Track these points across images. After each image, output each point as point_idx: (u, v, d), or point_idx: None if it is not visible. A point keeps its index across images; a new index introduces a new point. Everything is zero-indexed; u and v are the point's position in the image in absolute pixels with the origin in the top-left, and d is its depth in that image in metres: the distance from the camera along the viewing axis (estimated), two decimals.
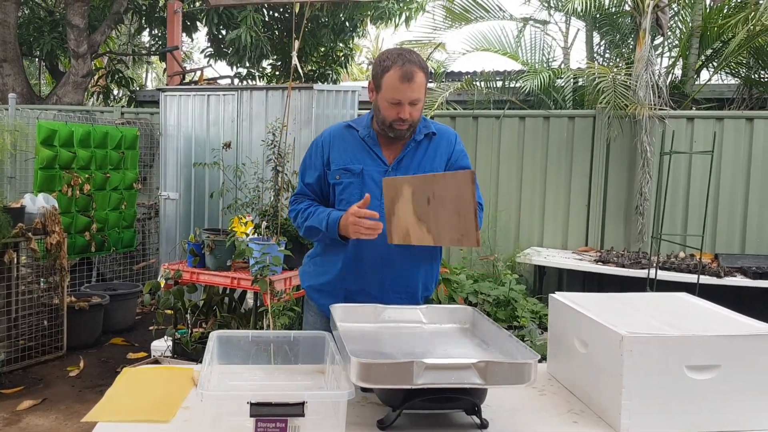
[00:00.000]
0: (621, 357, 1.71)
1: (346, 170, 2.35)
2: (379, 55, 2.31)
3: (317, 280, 2.46)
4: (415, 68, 2.23)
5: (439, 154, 2.40)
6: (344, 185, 2.35)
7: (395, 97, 2.23)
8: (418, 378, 1.60)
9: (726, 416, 1.75)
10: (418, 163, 2.36)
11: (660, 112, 5.71)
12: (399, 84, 2.21)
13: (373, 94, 2.33)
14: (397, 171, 2.34)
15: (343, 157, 2.37)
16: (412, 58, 2.25)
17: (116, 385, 1.97)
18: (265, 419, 1.58)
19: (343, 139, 2.40)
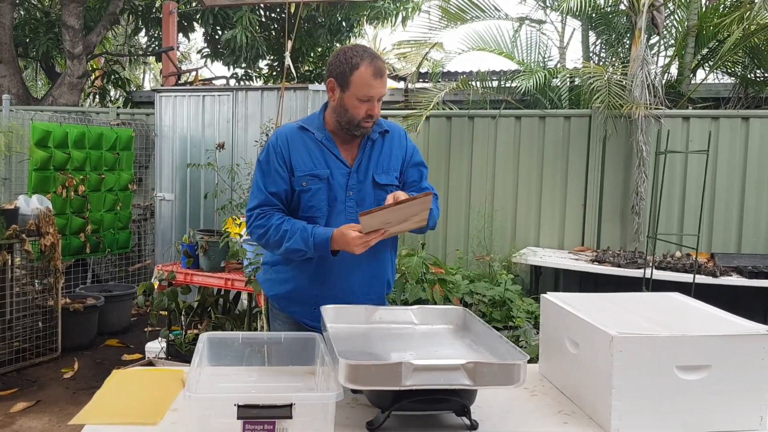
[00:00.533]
0: (611, 357, 1.71)
1: (313, 176, 2.27)
2: (339, 52, 2.25)
3: (283, 288, 2.39)
4: (383, 64, 2.23)
5: (394, 151, 2.40)
6: (312, 192, 2.27)
7: (367, 94, 2.19)
8: (406, 379, 1.59)
9: (716, 416, 1.74)
10: (376, 161, 2.35)
11: (656, 111, 5.71)
12: (372, 80, 2.18)
13: (334, 93, 2.26)
14: (358, 172, 2.31)
15: (306, 163, 2.28)
16: (377, 54, 2.25)
17: (105, 387, 1.96)
18: (253, 421, 1.57)
19: (301, 142, 2.31)
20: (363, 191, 2.32)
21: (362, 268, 2.32)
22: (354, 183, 2.31)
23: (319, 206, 2.27)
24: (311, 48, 10.44)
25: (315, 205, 2.28)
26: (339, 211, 2.28)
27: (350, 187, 2.30)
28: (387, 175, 2.36)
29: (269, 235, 2.25)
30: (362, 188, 2.32)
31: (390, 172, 2.37)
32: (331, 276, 2.29)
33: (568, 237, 6.19)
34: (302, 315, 2.37)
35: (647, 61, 5.78)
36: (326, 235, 2.18)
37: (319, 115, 2.36)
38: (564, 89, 6.78)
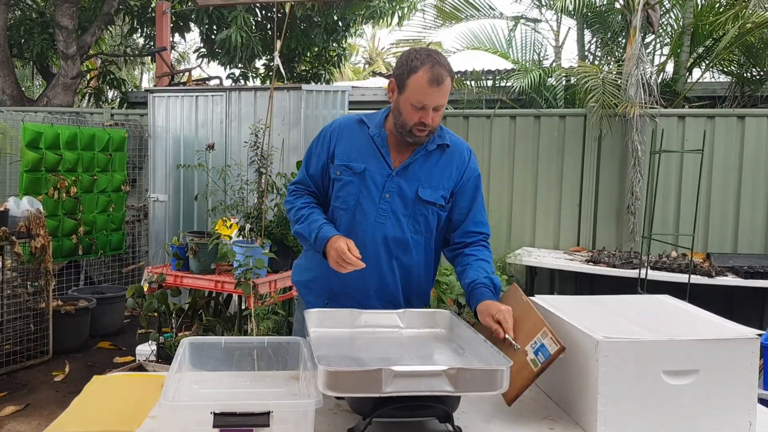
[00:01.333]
0: (596, 362, 1.68)
1: (347, 167, 2.22)
2: (406, 53, 2.16)
3: (305, 276, 2.37)
4: (444, 72, 2.08)
5: (449, 168, 2.25)
6: (343, 182, 2.23)
7: (421, 101, 2.08)
8: (387, 386, 1.56)
9: (704, 422, 1.71)
10: (428, 173, 2.22)
11: (651, 110, 5.68)
12: (427, 87, 2.06)
13: (393, 94, 2.18)
14: (402, 177, 2.20)
15: (348, 153, 2.24)
16: (442, 61, 2.11)
17: (84, 394, 1.93)
18: (230, 429, 1.54)
19: (352, 133, 2.27)
20: (402, 199, 2.20)
21: (383, 275, 2.23)
22: (392, 186, 2.19)
23: (346, 198, 2.22)
24: (307, 48, 10.40)
25: (343, 196, 2.23)
26: (368, 210, 2.19)
27: (387, 189, 2.20)
28: (433, 191, 2.22)
29: (292, 212, 2.31)
30: (401, 195, 2.20)
31: (437, 190, 2.22)
32: (350, 276, 2.18)
33: (563, 237, 6.16)
34: (312, 305, 2.30)
35: (642, 59, 5.75)
36: (326, 236, 2.14)
37: (383, 113, 2.30)
38: (559, 88, 6.76)
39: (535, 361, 1.78)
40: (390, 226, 2.19)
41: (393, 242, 2.20)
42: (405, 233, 2.21)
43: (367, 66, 23.72)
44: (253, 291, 3.57)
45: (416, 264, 2.27)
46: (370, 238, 2.19)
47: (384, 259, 2.22)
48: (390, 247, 2.21)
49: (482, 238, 2.31)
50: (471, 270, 2.20)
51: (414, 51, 2.15)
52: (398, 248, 2.22)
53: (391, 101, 2.21)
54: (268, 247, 3.73)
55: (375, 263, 2.20)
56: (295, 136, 5.83)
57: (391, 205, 2.20)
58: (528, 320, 1.92)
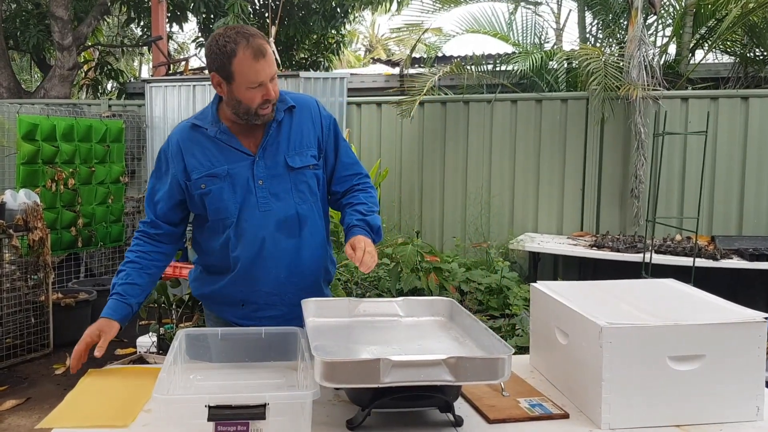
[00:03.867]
0: (600, 349, 1.63)
1: (210, 176, 2.07)
2: (212, 43, 2.00)
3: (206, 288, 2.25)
4: (262, 41, 1.98)
5: (305, 126, 2.16)
6: (213, 193, 2.07)
7: (255, 80, 1.96)
8: (385, 376, 1.52)
9: (711, 407, 1.67)
10: (287, 141, 2.12)
11: (653, 92, 5.61)
12: (254, 64, 1.95)
13: (222, 87, 2.03)
14: (265, 158, 2.10)
15: (202, 162, 2.08)
16: (252, 31, 1.99)
17: (78, 388, 1.90)
18: (225, 423, 1.50)
19: (192, 142, 2.10)
20: (276, 178, 2.11)
21: (289, 260, 2.14)
22: (261, 171, 2.09)
23: (225, 207, 2.07)
24: (306, 35, 10.33)
25: (221, 207, 2.08)
26: (252, 205, 2.08)
27: (258, 176, 2.09)
28: (301, 155, 2.13)
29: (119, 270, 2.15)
30: (274, 175, 2.10)
31: (304, 151, 2.13)
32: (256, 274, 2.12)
33: (566, 222, 6.11)
34: (228, 314, 2.22)
35: (644, 41, 5.67)
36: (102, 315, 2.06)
37: (212, 107, 2.14)
38: (561, 71, 6.68)
39: (530, 409, 1.73)
40: (276, 209, 2.10)
41: (285, 223, 2.11)
42: (293, 208, 2.12)
43: (367, 53, 23.59)
44: None
45: (315, 232, 2.19)
46: (264, 229, 2.09)
47: (284, 242, 2.12)
48: (285, 229, 2.11)
49: (355, 182, 2.24)
50: (345, 217, 2.16)
51: (220, 35, 2.00)
52: (293, 226, 2.13)
53: (223, 95, 2.06)
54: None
55: (277, 251, 2.12)
56: None
57: (268, 189, 2.10)
58: (523, 385, 1.91)
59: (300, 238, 2.14)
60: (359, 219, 2.12)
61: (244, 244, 2.10)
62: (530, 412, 1.72)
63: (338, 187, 2.24)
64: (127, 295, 2.08)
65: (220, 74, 2.00)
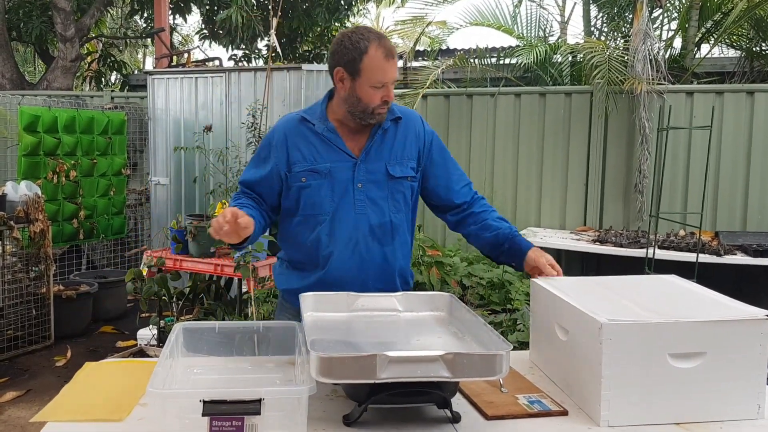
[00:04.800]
0: (600, 345, 1.61)
1: (312, 171, 2.13)
2: (344, 39, 2.06)
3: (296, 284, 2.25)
4: (391, 43, 2.07)
5: (408, 138, 2.21)
6: (312, 188, 2.13)
7: (381, 80, 2.02)
8: (382, 372, 1.50)
9: (711, 406, 1.65)
10: (390, 149, 2.17)
11: (658, 86, 5.56)
12: (384, 63, 2.02)
13: (344, 83, 2.06)
14: (367, 162, 2.14)
15: (306, 156, 2.14)
16: (382, 34, 2.08)
17: (74, 381, 1.88)
18: (220, 418, 1.49)
19: (301, 135, 2.16)
20: (375, 184, 2.16)
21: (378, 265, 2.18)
22: (362, 174, 2.14)
23: (321, 203, 2.13)
24: (309, 28, 10.28)
25: (317, 202, 2.13)
26: (347, 205, 2.13)
27: (358, 179, 2.14)
28: (402, 165, 2.18)
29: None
30: (373, 180, 2.15)
31: (405, 162, 2.19)
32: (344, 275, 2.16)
33: (569, 217, 6.08)
34: None
35: (649, 35, 5.62)
36: None
37: (322, 105, 2.19)
38: (565, 65, 6.64)
39: (528, 406, 1.72)
40: (372, 213, 2.14)
41: (379, 229, 2.15)
42: (386, 216, 2.17)
43: None
44: (253, 274, 3.52)
45: (404, 242, 2.25)
46: (358, 232, 2.13)
47: (375, 248, 2.17)
48: (378, 235, 2.16)
49: (473, 192, 2.33)
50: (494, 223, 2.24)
51: (353, 32, 2.06)
52: (386, 233, 2.18)
53: (342, 90, 2.08)
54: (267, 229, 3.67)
55: (368, 255, 2.16)
56: None
57: (366, 193, 2.15)
58: (523, 381, 1.90)
59: (391, 246, 2.19)
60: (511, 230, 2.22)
61: (337, 244, 2.14)
62: (529, 408, 1.71)
63: (459, 198, 2.29)
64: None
65: (346, 69, 2.03)
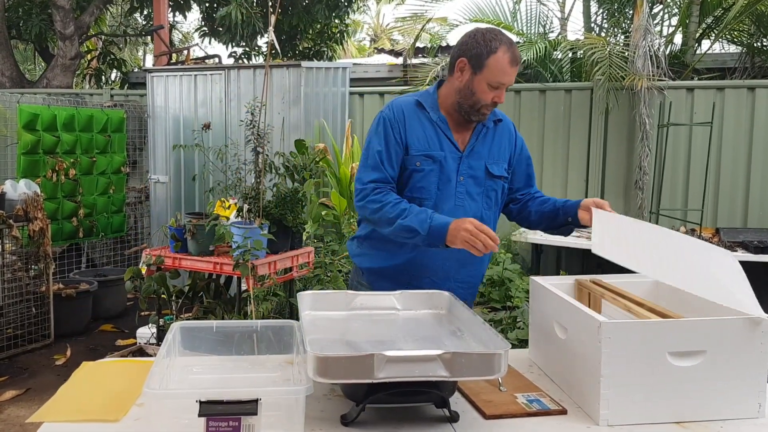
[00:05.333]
0: (599, 344, 1.60)
1: (427, 156, 2.21)
2: (477, 34, 2.16)
3: (377, 263, 2.34)
4: (518, 51, 2.16)
5: (504, 141, 2.33)
6: (425, 173, 2.21)
7: (500, 81, 2.12)
8: (379, 371, 1.49)
9: (712, 404, 1.64)
10: (489, 149, 2.28)
11: (658, 82, 5.55)
12: (508, 67, 2.12)
13: (463, 74, 2.17)
14: (470, 157, 2.24)
15: (421, 141, 2.22)
16: (513, 42, 2.17)
17: (71, 381, 1.87)
18: (216, 418, 1.48)
19: (416, 119, 2.24)
20: (474, 179, 2.26)
21: (463, 257, 2.22)
22: (465, 168, 2.24)
23: (428, 188, 2.21)
24: (309, 25, 10.26)
25: (425, 186, 2.21)
26: (448, 195, 2.22)
27: (461, 172, 2.24)
28: (498, 165, 2.29)
29: (385, 210, 2.15)
30: (473, 176, 2.25)
31: (500, 163, 2.30)
32: (428, 258, 2.23)
33: None
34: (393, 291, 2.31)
35: (650, 30, 5.60)
36: (446, 222, 2.06)
37: (433, 94, 2.28)
38: (566, 61, 6.62)
39: (527, 405, 1.71)
40: (468, 207, 2.23)
41: None
42: (479, 212, 2.26)
43: (372, 43, 23.47)
44: (252, 273, 3.51)
45: None
46: None
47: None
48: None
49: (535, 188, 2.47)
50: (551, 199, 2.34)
51: (487, 31, 2.17)
52: None
53: (458, 80, 2.19)
54: (266, 228, 3.66)
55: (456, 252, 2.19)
56: (295, 114, 5.75)
57: (466, 187, 2.24)
58: (522, 380, 1.89)
59: None
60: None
61: None
62: (527, 407, 1.70)
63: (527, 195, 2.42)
64: None
65: (470, 62, 2.14)
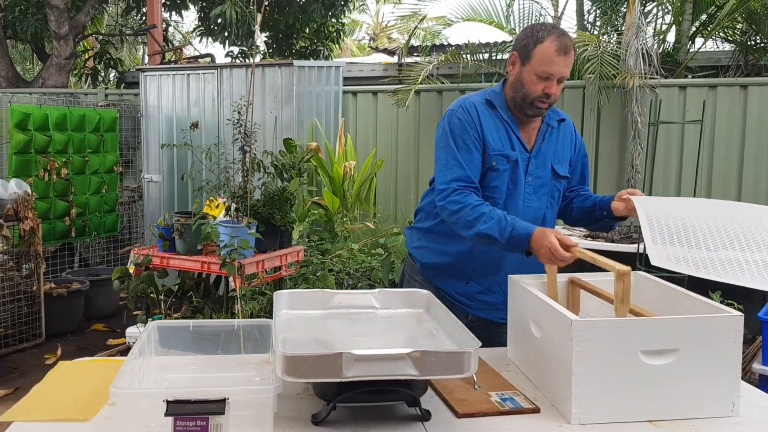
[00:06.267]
0: (570, 342, 1.60)
1: (503, 156, 2.21)
2: (528, 27, 2.20)
3: (438, 259, 2.34)
4: (570, 42, 2.14)
5: (567, 141, 2.33)
6: (500, 172, 2.21)
7: (547, 70, 2.10)
8: (348, 370, 1.49)
9: (685, 403, 1.64)
10: (554, 148, 2.28)
11: (650, 81, 5.53)
12: (555, 56, 2.09)
13: (514, 67, 2.19)
14: (537, 158, 2.24)
15: (497, 142, 2.21)
16: (566, 33, 2.17)
17: (45, 381, 1.87)
18: (184, 418, 1.48)
19: (490, 118, 2.24)
20: (541, 179, 2.26)
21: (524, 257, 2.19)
22: (533, 169, 2.24)
23: (501, 188, 2.22)
24: (306, 24, 10.24)
25: (498, 186, 2.22)
26: (517, 195, 2.23)
27: (529, 172, 2.24)
28: (562, 165, 2.30)
29: (464, 213, 2.11)
30: (540, 176, 2.26)
31: (564, 163, 2.30)
32: (493, 258, 2.24)
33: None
34: (450, 287, 2.35)
35: (642, 28, 5.59)
36: (527, 231, 2.01)
37: (500, 93, 2.28)
38: None
39: (500, 404, 1.70)
40: (534, 207, 2.24)
41: (535, 222, 2.19)
42: (543, 211, 2.28)
43: (371, 42, 23.45)
44: (239, 272, 3.51)
45: None
46: None
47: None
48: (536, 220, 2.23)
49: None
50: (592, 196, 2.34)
51: (538, 24, 2.25)
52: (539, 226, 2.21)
53: (511, 74, 2.22)
54: (254, 227, 3.66)
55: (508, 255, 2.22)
56: (287, 113, 5.74)
57: (533, 187, 2.25)
58: (497, 378, 1.88)
59: None
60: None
61: None
62: (500, 406, 1.69)
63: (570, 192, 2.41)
64: None
65: (519, 54, 2.17)
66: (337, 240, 5.41)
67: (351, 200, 5.88)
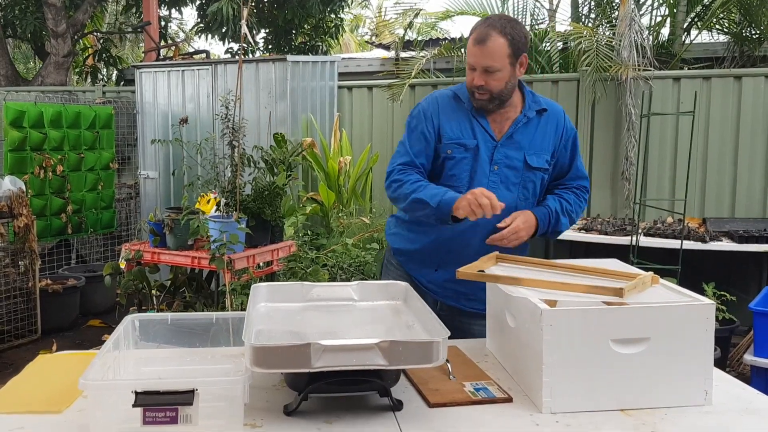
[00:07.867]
0: (540, 332, 1.60)
1: (459, 144, 2.26)
2: None
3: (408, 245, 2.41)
4: (493, 32, 2.14)
5: (548, 131, 2.32)
6: (456, 160, 2.26)
7: (469, 61, 2.18)
8: (316, 361, 1.50)
9: (657, 392, 1.63)
10: (530, 139, 2.28)
11: (644, 72, 5.51)
12: (472, 46, 2.16)
13: None
14: (507, 146, 2.26)
15: (455, 130, 2.27)
16: (494, 23, 2.17)
17: (22, 374, 1.89)
18: (153, 408, 1.49)
19: (452, 109, 2.30)
20: (511, 169, 2.27)
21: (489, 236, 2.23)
22: (500, 157, 2.26)
23: (460, 176, 2.26)
24: (304, 19, 10.23)
25: (456, 174, 2.26)
26: (481, 184, 2.22)
27: (495, 161, 2.26)
28: (538, 157, 2.29)
29: (404, 187, 2.24)
30: (510, 166, 2.27)
31: (542, 154, 2.30)
32: (456, 243, 2.27)
33: None
34: (419, 274, 2.41)
35: (635, 20, 5.57)
36: (456, 196, 2.12)
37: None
38: (554, 53, 6.58)
39: (473, 393, 1.71)
40: (501, 196, 2.20)
41: (505, 212, 2.19)
42: (514, 202, 2.27)
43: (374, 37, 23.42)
44: (229, 266, 3.52)
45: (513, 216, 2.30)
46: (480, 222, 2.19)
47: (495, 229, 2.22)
48: (501, 217, 2.20)
49: (575, 187, 2.40)
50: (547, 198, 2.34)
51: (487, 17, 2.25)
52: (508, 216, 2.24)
53: None
54: (244, 222, 3.67)
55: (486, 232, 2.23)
56: (282, 108, 5.74)
57: (500, 177, 2.26)
58: (473, 369, 1.89)
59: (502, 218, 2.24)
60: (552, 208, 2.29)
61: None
62: (473, 396, 1.70)
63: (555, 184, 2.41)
64: None
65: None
66: (333, 235, 5.42)
67: (347, 195, 5.89)
